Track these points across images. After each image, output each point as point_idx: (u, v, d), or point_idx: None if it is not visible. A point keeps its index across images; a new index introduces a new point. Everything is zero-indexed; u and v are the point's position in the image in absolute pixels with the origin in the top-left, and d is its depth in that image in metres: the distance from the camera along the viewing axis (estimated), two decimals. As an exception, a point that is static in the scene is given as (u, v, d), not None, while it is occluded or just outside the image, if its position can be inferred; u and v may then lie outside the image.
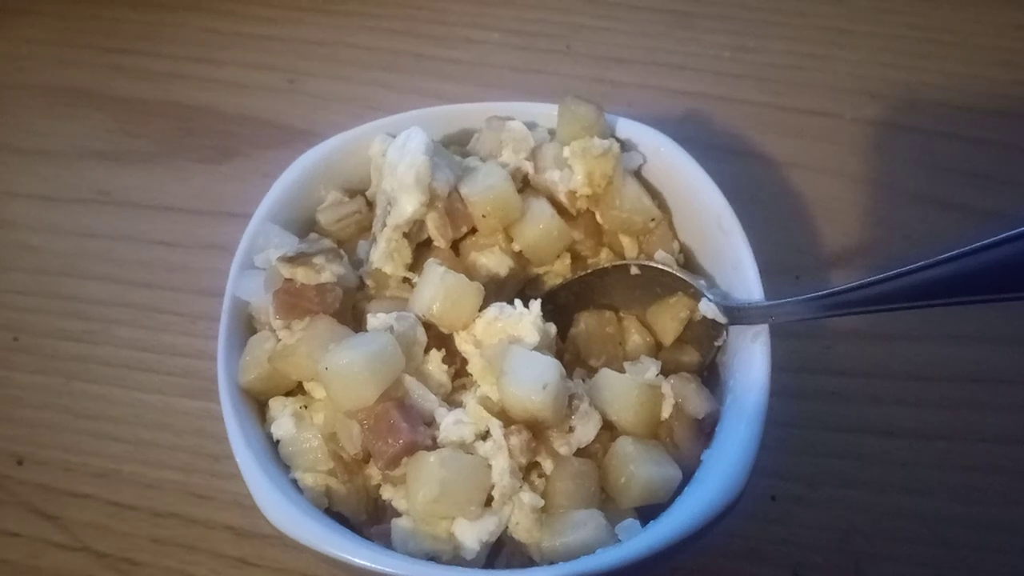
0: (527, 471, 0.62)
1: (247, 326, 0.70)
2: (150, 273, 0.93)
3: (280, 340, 0.66)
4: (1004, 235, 0.50)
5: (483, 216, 0.70)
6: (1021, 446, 0.78)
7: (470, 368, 0.66)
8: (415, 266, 0.71)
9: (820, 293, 0.60)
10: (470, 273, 0.68)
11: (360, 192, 0.77)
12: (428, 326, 0.66)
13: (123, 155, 1.03)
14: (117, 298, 0.92)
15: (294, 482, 0.64)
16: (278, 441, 0.65)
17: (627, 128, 0.75)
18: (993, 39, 1.06)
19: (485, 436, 0.61)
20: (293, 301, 0.65)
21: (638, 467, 0.61)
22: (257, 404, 0.68)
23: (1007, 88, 1.02)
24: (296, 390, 0.68)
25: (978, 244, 0.51)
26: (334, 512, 0.64)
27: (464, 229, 0.71)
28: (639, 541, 0.56)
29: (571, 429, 0.62)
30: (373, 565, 0.55)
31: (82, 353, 0.88)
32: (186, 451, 0.82)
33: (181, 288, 0.92)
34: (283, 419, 0.65)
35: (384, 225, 0.69)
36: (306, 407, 0.66)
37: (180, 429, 0.83)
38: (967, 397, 0.81)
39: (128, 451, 0.82)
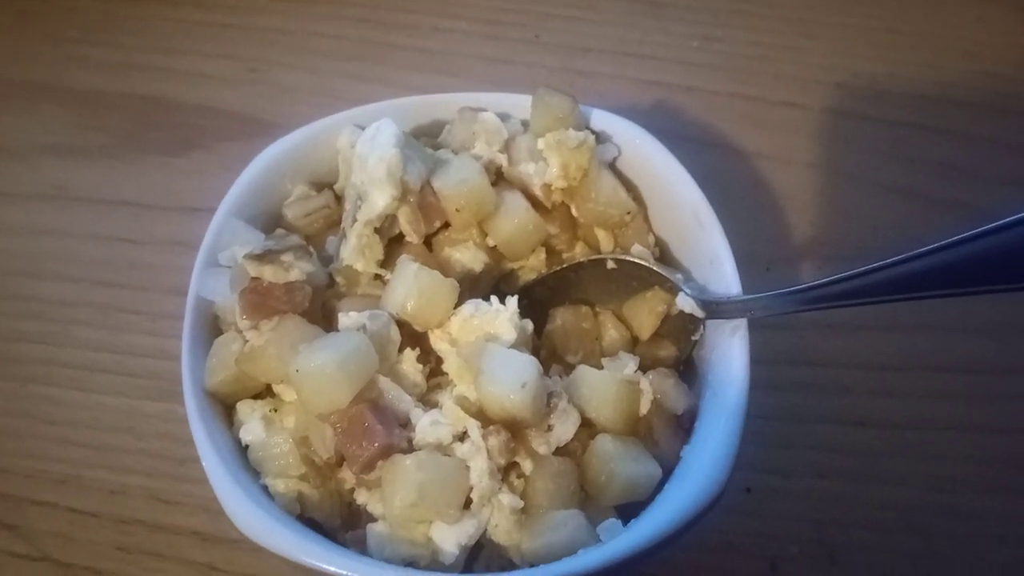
0: (506, 472, 0.61)
1: (212, 326, 0.68)
2: (110, 271, 0.90)
3: (247, 341, 0.64)
4: (977, 230, 0.51)
5: (456, 210, 0.68)
6: (991, 434, 0.79)
7: (445, 367, 0.65)
8: (387, 262, 0.69)
9: (798, 287, 0.60)
10: (444, 269, 0.67)
11: (328, 186, 0.75)
12: (401, 324, 0.65)
13: (80, 149, 1.00)
14: (76, 297, 0.89)
15: (264, 488, 0.62)
16: (247, 446, 0.64)
17: (601, 119, 0.74)
18: (957, 31, 1.07)
19: (462, 437, 0.60)
20: (261, 300, 0.63)
21: (618, 465, 0.61)
22: (224, 408, 0.66)
23: (972, 79, 1.03)
24: (265, 392, 0.67)
25: (951, 239, 0.51)
26: (307, 518, 0.62)
27: (437, 224, 0.70)
28: (621, 541, 0.56)
29: (550, 428, 0.62)
30: (349, 573, 0.54)
31: (40, 355, 0.85)
32: (151, 455, 0.79)
33: (143, 286, 0.89)
34: (252, 423, 0.63)
35: (354, 220, 0.67)
36: (276, 410, 0.65)
37: (144, 432, 0.81)
38: (938, 387, 0.81)
39: (90, 456, 0.79)
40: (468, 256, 0.70)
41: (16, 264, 0.91)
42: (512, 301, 0.65)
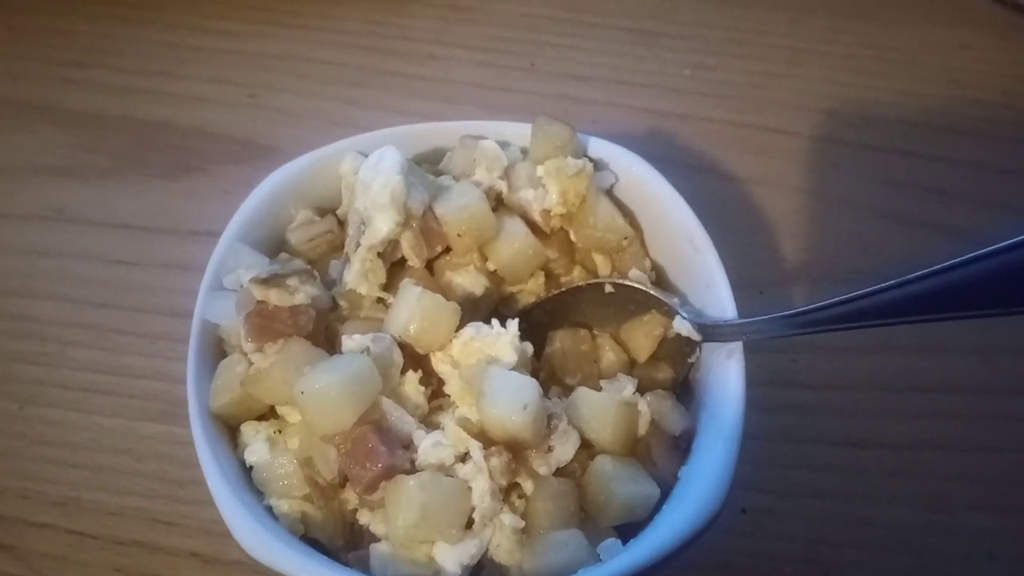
0: (507, 492, 0.62)
1: (216, 349, 0.69)
2: (107, 292, 0.91)
3: (252, 364, 0.64)
4: (965, 257, 0.52)
5: (458, 235, 0.69)
6: (981, 454, 0.80)
7: (447, 389, 0.66)
8: (389, 286, 0.70)
9: (794, 311, 0.61)
10: (445, 293, 0.68)
11: (331, 211, 0.76)
12: (403, 347, 0.65)
13: (77, 171, 1.00)
14: (73, 318, 0.89)
15: (269, 509, 0.62)
16: (251, 467, 0.64)
17: (599, 147, 0.76)
18: (941, 58, 1.10)
19: (464, 458, 0.61)
20: (266, 324, 0.64)
21: (617, 486, 0.61)
22: (228, 429, 0.66)
23: (956, 105, 1.05)
24: (269, 414, 0.67)
25: (941, 265, 0.53)
26: (310, 538, 0.63)
27: (439, 248, 0.71)
28: (621, 560, 0.56)
29: (550, 449, 0.62)
30: (354, 592, 0.55)
31: (37, 376, 0.85)
32: (149, 477, 0.79)
33: (140, 308, 0.89)
34: (256, 444, 0.63)
35: (358, 245, 0.68)
36: (280, 432, 0.65)
37: (142, 454, 0.81)
38: (929, 407, 0.83)
39: (88, 478, 0.79)
40: (469, 280, 0.71)
41: (12, 284, 0.91)
42: (513, 324, 0.66)
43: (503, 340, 0.64)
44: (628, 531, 0.62)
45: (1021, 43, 1.11)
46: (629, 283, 0.72)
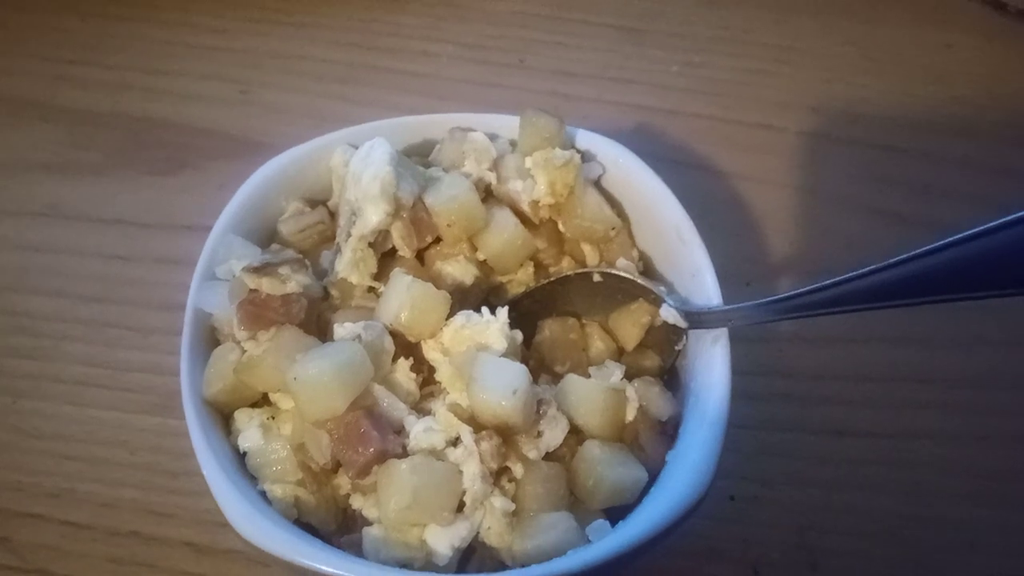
0: (497, 476, 0.62)
1: (209, 338, 0.69)
2: (101, 287, 0.91)
3: (245, 351, 0.65)
4: (951, 239, 0.53)
5: (448, 226, 0.70)
6: (963, 444, 0.81)
7: (438, 376, 0.67)
8: (380, 275, 0.71)
9: (777, 297, 0.62)
10: (435, 282, 0.69)
11: (321, 202, 0.77)
12: (395, 335, 0.66)
13: (71, 167, 1.01)
14: (67, 313, 0.89)
15: (263, 494, 0.63)
16: (245, 453, 0.65)
17: (586, 139, 0.77)
18: (926, 57, 1.11)
19: (455, 442, 0.62)
20: (258, 312, 0.64)
21: (605, 469, 0.62)
22: (221, 416, 0.67)
23: (940, 104, 1.06)
24: (261, 401, 0.68)
25: (923, 249, 0.53)
26: (303, 523, 0.63)
27: (429, 238, 0.71)
28: (609, 541, 0.57)
29: (539, 434, 0.63)
30: (348, 574, 0.55)
31: (31, 370, 0.86)
32: (143, 468, 0.80)
33: (134, 302, 0.90)
34: (250, 431, 0.64)
35: (349, 235, 0.69)
36: (273, 418, 0.66)
37: (136, 446, 0.81)
38: (912, 397, 0.84)
39: (82, 470, 0.80)
40: (459, 270, 0.72)
41: (6, 280, 0.92)
42: (502, 312, 0.66)
43: (493, 328, 0.65)
44: (617, 514, 0.62)
45: (1005, 43, 1.12)
46: (617, 272, 0.73)
